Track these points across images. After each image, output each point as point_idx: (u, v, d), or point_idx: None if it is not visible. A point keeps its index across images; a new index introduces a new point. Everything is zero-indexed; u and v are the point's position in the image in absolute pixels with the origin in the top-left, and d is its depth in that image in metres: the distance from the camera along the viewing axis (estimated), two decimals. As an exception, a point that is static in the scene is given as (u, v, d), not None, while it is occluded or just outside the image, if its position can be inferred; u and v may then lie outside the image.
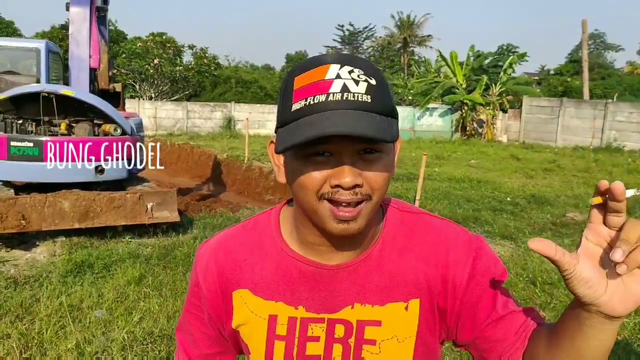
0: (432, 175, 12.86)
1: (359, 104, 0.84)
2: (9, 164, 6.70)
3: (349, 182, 0.86)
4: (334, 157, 0.88)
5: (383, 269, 1.01)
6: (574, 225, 8.14)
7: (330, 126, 0.82)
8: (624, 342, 4.04)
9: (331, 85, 0.85)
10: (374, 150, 0.89)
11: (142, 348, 3.81)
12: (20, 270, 5.61)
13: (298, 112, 0.86)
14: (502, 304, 1.01)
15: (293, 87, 0.88)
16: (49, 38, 24.38)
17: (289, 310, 1.03)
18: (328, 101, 0.84)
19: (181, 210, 8.60)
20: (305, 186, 0.89)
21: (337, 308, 1.01)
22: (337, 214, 0.88)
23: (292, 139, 0.85)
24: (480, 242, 1.05)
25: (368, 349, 1.01)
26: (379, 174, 0.89)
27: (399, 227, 1.04)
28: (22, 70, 8.87)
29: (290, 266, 1.03)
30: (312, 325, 1.02)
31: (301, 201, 0.93)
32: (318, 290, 1.02)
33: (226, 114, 26.08)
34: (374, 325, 1.01)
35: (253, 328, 1.05)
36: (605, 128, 22.21)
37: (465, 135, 25.97)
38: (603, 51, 53.43)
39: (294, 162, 0.91)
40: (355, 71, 0.87)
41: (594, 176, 13.70)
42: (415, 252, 1.02)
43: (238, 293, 1.05)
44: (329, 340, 1.02)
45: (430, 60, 32.94)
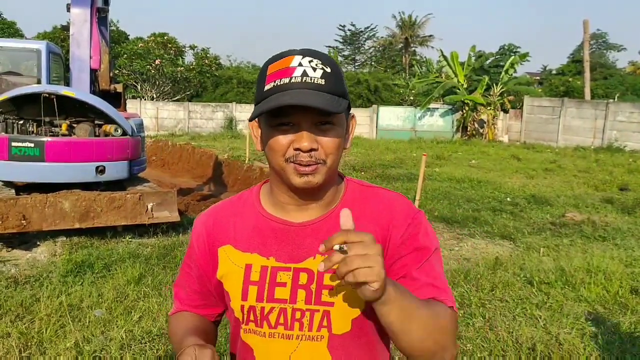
0: (432, 175, 12.87)
1: (314, 85, 1.09)
2: (10, 165, 6.73)
3: (306, 146, 1.10)
4: (296, 126, 1.11)
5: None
6: (574, 225, 8.15)
7: (289, 99, 1.06)
8: (619, 341, 4.06)
9: (294, 71, 1.10)
10: (328, 122, 1.12)
11: (141, 347, 3.84)
12: (20, 270, 5.65)
13: (268, 92, 1.11)
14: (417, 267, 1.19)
15: (267, 73, 1.13)
16: (51, 39, 24.45)
17: (261, 260, 1.23)
18: (290, 82, 1.09)
19: (182, 210, 8.63)
20: (274, 149, 1.14)
21: (301, 259, 1.21)
22: (299, 170, 1.12)
23: (261, 109, 1.10)
24: (419, 215, 1.26)
25: (327, 293, 1.19)
26: (331, 140, 1.13)
27: (358, 196, 1.27)
28: (23, 71, 8.91)
29: (264, 224, 1.25)
30: (280, 273, 1.21)
31: (272, 162, 1.16)
32: (286, 243, 1.22)
33: (227, 114, 26.11)
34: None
35: (233, 276, 1.25)
36: (606, 128, 22.17)
37: (466, 136, 25.96)
38: (605, 51, 53.30)
39: (266, 131, 1.16)
40: (314, 61, 1.12)
41: (594, 176, 13.69)
42: (368, 215, 1.23)
43: (222, 249, 1.27)
44: (294, 286, 1.20)
45: (432, 61, 32.92)
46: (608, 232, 7.68)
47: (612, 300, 4.92)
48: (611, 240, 7.25)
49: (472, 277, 5.44)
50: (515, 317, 4.52)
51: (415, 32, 47.68)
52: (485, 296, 4.96)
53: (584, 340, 4.10)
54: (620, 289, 5.12)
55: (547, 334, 4.20)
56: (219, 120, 26.00)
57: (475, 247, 6.90)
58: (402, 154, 17.98)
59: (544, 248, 6.74)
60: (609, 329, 4.30)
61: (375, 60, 50.44)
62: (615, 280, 5.29)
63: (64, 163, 6.84)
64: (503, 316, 4.53)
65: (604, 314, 4.64)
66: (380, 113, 26.81)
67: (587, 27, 26.73)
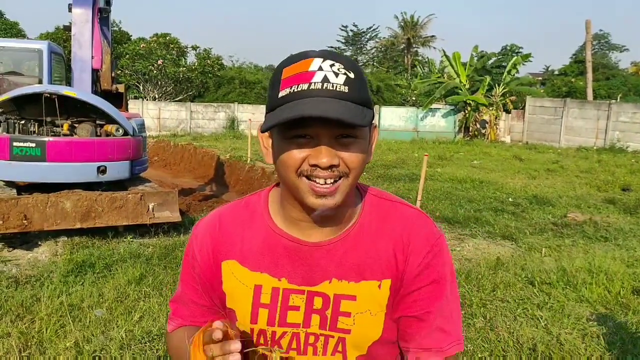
0: (434, 175, 12.85)
1: (336, 93, 0.96)
2: (11, 164, 6.74)
3: (325, 162, 0.97)
4: (314, 140, 0.99)
5: (359, 249, 1.12)
6: (575, 225, 8.13)
7: (308, 110, 0.93)
8: (620, 342, 4.05)
9: (313, 76, 0.97)
10: (350, 135, 1.00)
11: (140, 347, 3.84)
12: (21, 269, 5.65)
13: (283, 99, 0.98)
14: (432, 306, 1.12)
15: (281, 77, 1.00)
16: (53, 39, 24.49)
17: (272, 281, 1.13)
18: (310, 89, 0.96)
19: (183, 210, 8.63)
20: (286, 164, 1.01)
21: (316, 282, 1.12)
22: (315, 189, 0.99)
23: (276, 119, 0.96)
24: (440, 240, 1.15)
25: (343, 321, 1.12)
26: (355, 155, 1.01)
27: (376, 212, 1.16)
28: (25, 71, 8.93)
29: (275, 241, 1.14)
30: (293, 295, 1.13)
31: (283, 178, 1.04)
32: (299, 264, 1.12)
33: (230, 114, 26.10)
34: (349, 299, 1.12)
35: (240, 295, 1.16)
36: (608, 128, 22.13)
37: (468, 136, 25.92)
38: (607, 51, 53.21)
39: (278, 143, 1.02)
40: (336, 65, 0.99)
41: (597, 177, 13.66)
42: (387, 236, 1.13)
43: (226, 264, 1.17)
44: (308, 311, 1.13)
45: (434, 61, 32.90)
46: (610, 233, 7.66)
47: (614, 300, 4.90)
48: (613, 241, 7.23)
49: (473, 277, 5.43)
50: (517, 318, 4.51)
51: (417, 33, 47.69)
52: (487, 296, 4.95)
53: (585, 340, 4.09)
54: (622, 289, 5.10)
55: (548, 334, 4.19)
56: (221, 121, 26.00)
57: (476, 247, 6.89)
58: (404, 155, 17.97)
59: (546, 248, 6.72)
60: (611, 329, 4.28)
61: (378, 61, 50.41)
62: (617, 281, 5.27)
63: (66, 163, 6.85)
64: (504, 316, 4.52)
65: (605, 314, 4.62)
66: (382, 113, 26.78)
67: (589, 28, 26.70)
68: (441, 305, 1.12)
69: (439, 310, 1.12)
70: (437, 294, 1.12)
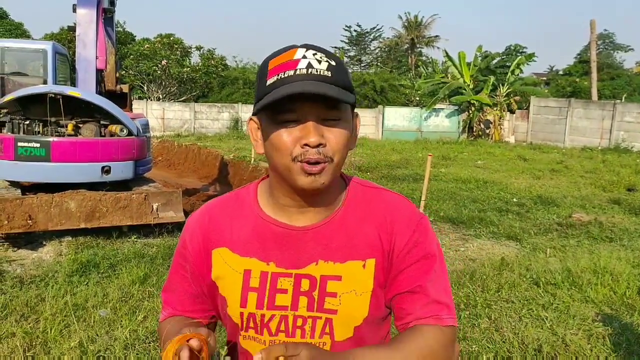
0: (438, 175, 12.83)
1: (320, 77, 1.03)
2: (16, 165, 6.76)
3: (314, 141, 1.04)
4: (301, 122, 1.05)
5: (344, 232, 1.17)
6: (580, 225, 8.10)
7: (295, 88, 1.01)
8: (626, 343, 4.02)
9: (298, 63, 1.04)
10: (334, 118, 1.07)
11: (144, 347, 3.84)
12: (26, 269, 5.66)
13: (271, 86, 1.05)
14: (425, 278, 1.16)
15: (268, 69, 1.07)
16: (58, 39, 24.55)
17: (261, 266, 1.18)
18: (295, 74, 1.03)
19: (187, 210, 8.62)
20: (279, 148, 1.07)
21: (303, 264, 1.16)
22: (307, 169, 1.06)
23: (264, 102, 1.04)
24: (423, 220, 1.22)
25: (330, 301, 1.16)
26: (339, 137, 1.08)
27: (360, 198, 1.22)
28: (30, 72, 8.96)
29: (264, 227, 1.19)
30: (281, 279, 1.17)
31: (276, 163, 1.10)
32: (287, 248, 1.17)
33: (233, 114, 26.14)
34: (335, 280, 1.16)
35: (230, 281, 1.19)
36: (613, 129, 22.06)
37: (472, 136, 25.88)
38: (612, 51, 52.99)
39: (269, 129, 1.09)
40: (319, 54, 1.07)
41: (601, 177, 13.61)
42: (371, 219, 1.19)
43: (217, 251, 1.21)
44: (296, 293, 1.17)
45: (438, 61, 32.86)
46: (615, 233, 7.63)
47: (619, 301, 4.88)
48: (618, 241, 7.20)
49: (477, 278, 5.41)
50: (521, 318, 4.49)
51: (421, 33, 47.60)
52: (491, 297, 4.93)
53: (591, 341, 4.06)
54: (628, 289, 5.08)
55: (554, 335, 4.17)
56: (225, 121, 26.04)
57: (481, 247, 6.87)
58: (408, 155, 17.95)
59: (551, 249, 6.70)
60: (616, 330, 4.26)
61: (381, 61, 50.33)
62: (622, 281, 5.24)
63: (70, 163, 6.86)
64: (509, 317, 4.50)
65: (611, 315, 4.60)
66: (386, 114, 26.77)
67: (594, 28, 26.61)
68: (432, 279, 1.17)
69: (431, 283, 1.16)
70: (427, 269, 1.17)
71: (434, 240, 1.20)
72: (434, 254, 1.18)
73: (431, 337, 1.12)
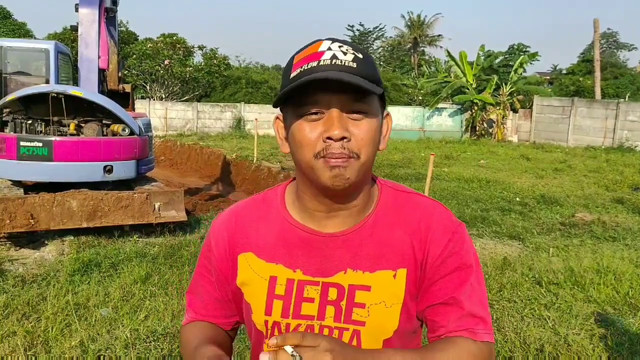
0: (441, 175, 12.81)
1: (346, 68, 0.99)
2: (18, 164, 6.77)
3: (337, 134, 0.98)
4: (325, 115, 1.00)
5: (375, 239, 1.12)
6: (583, 225, 8.07)
7: (318, 76, 0.96)
8: (628, 343, 4.01)
9: (323, 54, 1.01)
10: (360, 111, 1.01)
11: (145, 346, 3.84)
12: (28, 268, 5.67)
13: (295, 78, 1.01)
14: (461, 291, 1.10)
15: (293, 63, 1.04)
16: (61, 39, 24.58)
17: (287, 273, 1.13)
18: (319, 65, 0.99)
19: (189, 209, 8.64)
20: (301, 143, 1.02)
21: (331, 272, 1.11)
22: (330, 162, 1.00)
23: (285, 91, 1.00)
24: (459, 227, 1.14)
25: (358, 312, 1.10)
26: (365, 131, 1.02)
27: (392, 203, 1.16)
28: (32, 71, 8.98)
29: (291, 233, 1.14)
30: (308, 287, 1.12)
31: (300, 160, 1.05)
32: (314, 255, 1.12)
33: (236, 114, 26.12)
34: (364, 289, 1.10)
35: (255, 287, 1.15)
36: (617, 128, 21.98)
37: (475, 135, 25.83)
38: (616, 50, 52.85)
39: (292, 123, 1.04)
40: (345, 47, 1.02)
41: (605, 176, 13.57)
42: (404, 226, 1.12)
43: (243, 256, 1.17)
44: (323, 302, 1.11)
45: (441, 60, 32.78)
46: (618, 233, 7.60)
47: (622, 301, 4.86)
48: (621, 241, 7.17)
49: (479, 278, 5.39)
50: (524, 318, 4.48)
51: (424, 32, 47.55)
52: (493, 296, 4.91)
53: (593, 341, 4.05)
54: (631, 289, 5.06)
55: (556, 334, 4.15)
56: (228, 121, 26.02)
57: (483, 247, 6.85)
58: (410, 154, 17.92)
59: (553, 248, 6.67)
60: (619, 330, 4.24)
61: (384, 60, 50.30)
62: (625, 281, 5.23)
63: (72, 162, 6.87)
64: (511, 317, 4.49)
65: (613, 315, 4.58)
66: (388, 113, 26.70)
67: (597, 27, 26.53)
68: (468, 291, 1.10)
69: (466, 296, 1.09)
70: (462, 280, 1.10)
71: (470, 250, 1.13)
72: (470, 265, 1.11)
73: (465, 349, 1.05)
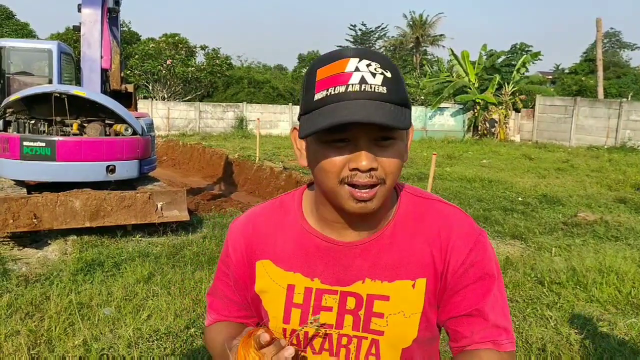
0: (443, 175, 12.81)
1: (375, 95, 0.94)
2: (21, 164, 6.79)
3: (365, 165, 0.96)
4: (352, 143, 0.97)
5: (394, 249, 1.11)
6: (586, 225, 8.06)
7: (349, 115, 0.92)
8: (631, 343, 4.01)
9: (350, 77, 0.95)
10: (389, 137, 0.99)
11: (148, 345, 3.85)
12: (31, 268, 5.69)
13: (320, 102, 0.96)
14: (484, 302, 1.09)
15: (316, 79, 0.98)
16: (63, 39, 24.65)
17: (305, 281, 1.13)
18: (348, 92, 0.94)
19: (191, 209, 8.65)
20: (326, 170, 0.99)
21: (349, 282, 1.11)
22: (356, 195, 0.98)
23: (315, 125, 0.95)
24: (481, 236, 1.13)
25: (376, 322, 1.10)
26: (393, 160, 1.00)
27: (412, 211, 1.14)
28: (35, 71, 9.00)
29: (309, 241, 1.14)
30: (326, 296, 1.12)
31: (322, 184, 1.03)
32: (332, 264, 1.11)
33: (238, 114, 26.15)
34: (382, 299, 1.10)
35: (273, 295, 1.15)
36: (619, 127, 21.96)
37: (478, 135, 25.81)
38: (618, 50, 52.77)
39: (315, 147, 1.01)
40: (373, 65, 0.97)
41: (607, 176, 13.55)
42: (424, 235, 1.11)
43: (261, 263, 1.17)
44: (341, 311, 1.11)
45: (443, 60, 32.77)
46: (621, 232, 7.59)
47: (625, 300, 4.85)
48: (624, 240, 7.16)
49: (482, 277, 5.39)
50: (526, 317, 4.48)
51: (426, 32, 47.51)
52: (495, 296, 4.90)
53: (595, 341, 4.05)
54: (633, 289, 5.05)
55: (558, 334, 4.16)
56: (230, 120, 26.05)
57: (485, 246, 6.84)
58: (413, 154, 17.90)
59: (556, 248, 6.67)
60: (621, 330, 4.24)
61: (386, 60, 50.22)
62: (627, 281, 5.22)
63: (75, 162, 6.88)
64: (513, 316, 4.49)
65: (616, 314, 4.58)
66: (390, 113, 26.68)
67: (600, 26, 26.48)
68: (491, 302, 1.10)
69: (489, 306, 1.09)
70: (485, 290, 1.09)
71: (492, 259, 1.12)
72: (492, 274, 1.10)
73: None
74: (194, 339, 4.01)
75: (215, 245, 6.47)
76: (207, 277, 5.31)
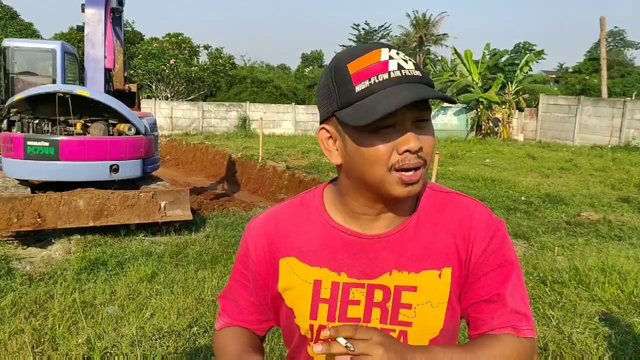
0: (446, 174, 12.80)
1: (415, 78, 1.00)
2: (25, 163, 6.83)
3: (415, 146, 0.99)
4: (397, 128, 1.00)
5: (419, 240, 1.13)
6: (589, 224, 8.05)
7: (410, 95, 0.96)
8: (633, 342, 4.01)
9: (388, 65, 1.00)
10: (424, 119, 1.04)
11: (151, 344, 3.87)
12: (35, 267, 5.72)
13: (364, 92, 0.99)
14: (504, 287, 1.11)
15: (349, 73, 1.01)
16: (67, 39, 24.72)
17: (332, 276, 1.13)
18: (391, 78, 0.99)
19: (194, 209, 8.68)
20: (375, 159, 1.01)
21: (376, 274, 1.12)
22: (405, 179, 1.01)
23: (375, 112, 0.96)
24: (500, 225, 1.15)
25: (404, 313, 1.11)
26: (431, 139, 1.05)
27: (432, 204, 1.16)
28: (39, 71, 9.05)
29: (334, 236, 1.14)
30: (353, 289, 1.12)
31: (367, 174, 1.03)
32: (359, 257, 1.12)
33: (241, 113, 26.19)
34: (410, 290, 1.11)
35: (299, 292, 1.15)
36: (623, 126, 21.86)
37: (481, 134, 25.76)
38: (622, 49, 52.62)
39: (358, 139, 1.02)
40: (400, 53, 1.03)
41: (611, 175, 13.51)
42: (446, 226, 1.13)
43: (285, 260, 1.17)
44: (369, 304, 1.12)
45: (446, 59, 32.71)
46: (624, 232, 7.58)
47: (627, 300, 4.85)
48: (627, 240, 7.15)
49: (484, 276, 5.39)
50: (528, 317, 4.47)
51: (429, 31, 47.42)
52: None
53: (597, 340, 4.05)
54: (636, 288, 5.05)
55: (560, 333, 4.16)
56: (233, 120, 26.09)
57: (488, 246, 6.84)
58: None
59: (558, 247, 6.66)
60: (623, 329, 4.24)
61: (390, 59, 50.19)
62: (630, 280, 5.21)
63: (79, 162, 6.92)
64: (515, 315, 4.48)
65: (618, 314, 4.57)
66: (394, 112, 26.66)
67: (604, 25, 26.41)
68: (510, 288, 1.11)
69: (509, 292, 1.11)
70: (505, 277, 1.12)
71: (511, 247, 1.15)
72: (512, 261, 1.13)
73: (509, 346, 1.08)
74: (197, 337, 4.03)
75: (218, 245, 6.50)
76: (209, 276, 5.33)
